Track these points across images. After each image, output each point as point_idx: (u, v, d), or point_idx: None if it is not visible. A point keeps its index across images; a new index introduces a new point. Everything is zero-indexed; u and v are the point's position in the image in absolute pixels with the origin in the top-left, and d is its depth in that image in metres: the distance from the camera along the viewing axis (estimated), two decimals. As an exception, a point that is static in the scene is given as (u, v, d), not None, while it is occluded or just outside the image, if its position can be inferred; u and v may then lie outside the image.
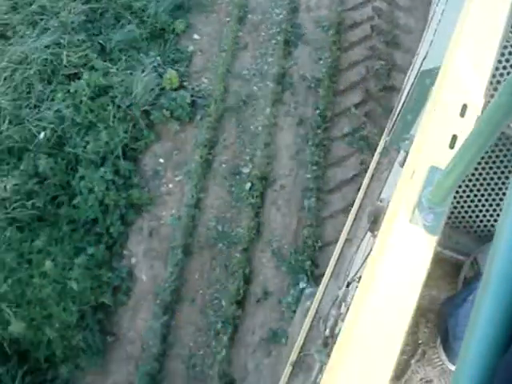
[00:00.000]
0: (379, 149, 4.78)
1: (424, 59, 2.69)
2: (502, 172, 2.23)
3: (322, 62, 6.82)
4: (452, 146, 1.63)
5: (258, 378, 5.32)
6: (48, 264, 5.53)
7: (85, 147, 6.25)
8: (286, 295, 5.60)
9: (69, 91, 6.54)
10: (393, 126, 3.23)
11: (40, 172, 6.11)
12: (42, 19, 6.91)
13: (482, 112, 1.67)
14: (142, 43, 6.92)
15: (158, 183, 6.26)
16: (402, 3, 7.18)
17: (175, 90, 6.62)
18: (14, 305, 5.42)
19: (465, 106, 1.70)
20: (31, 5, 6.97)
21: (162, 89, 6.64)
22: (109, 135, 6.28)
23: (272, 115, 6.47)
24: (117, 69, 6.65)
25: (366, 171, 6.06)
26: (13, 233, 5.76)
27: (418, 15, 7.08)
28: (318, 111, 6.49)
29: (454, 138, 1.65)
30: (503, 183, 2.30)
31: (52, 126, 6.30)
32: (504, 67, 2.06)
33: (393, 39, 6.91)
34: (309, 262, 5.69)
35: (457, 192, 2.27)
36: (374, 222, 1.92)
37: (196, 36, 7.11)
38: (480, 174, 2.24)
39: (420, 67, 2.66)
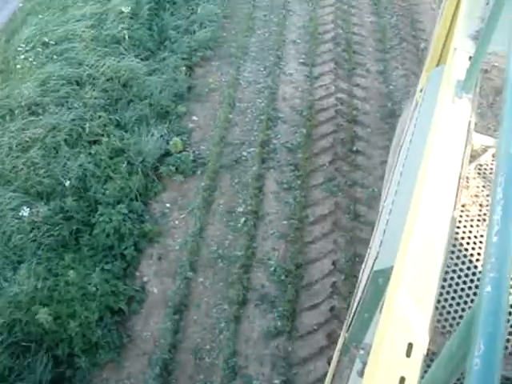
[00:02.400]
0: (339, 345, 4.73)
1: (375, 259, 2.78)
2: None
3: (297, 134, 8.43)
4: None
5: (258, 365, 6.05)
6: (71, 273, 6.41)
7: (104, 193, 7.41)
8: (280, 299, 6.53)
9: (90, 153, 7.84)
10: (351, 322, 3.24)
11: (65, 210, 7.18)
12: (67, 101, 8.43)
13: (428, 350, 1.71)
14: (150, 120, 8.44)
15: (166, 221, 7.38)
16: (358, 94, 9.07)
17: (179, 152, 8.03)
18: (43, 304, 6.18)
19: (410, 345, 1.68)
20: (58, 91, 8.53)
21: (168, 152, 8.04)
22: (124, 184, 7.50)
23: (259, 169, 7.87)
24: (130, 135, 8.07)
25: (338, 209, 7.38)
26: (43, 252, 6.68)
27: (372, 102, 8.94)
28: (297, 167, 7.93)
29: (402, 380, 1.62)
30: None
31: (76, 176, 7.51)
32: (447, 292, 2.09)
33: (353, 118, 8.66)
34: (294, 273, 6.73)
35: None
36: None
37: (194, 117, 8.71)
38: None
39: (372, 267, 2.75)
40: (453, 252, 2.16)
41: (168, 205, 7.57)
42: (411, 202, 2.18)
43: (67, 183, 7.44)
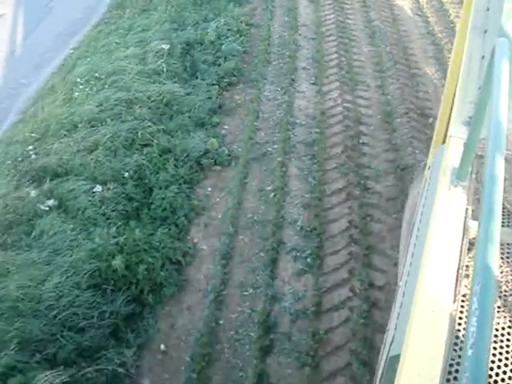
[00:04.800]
0: None
1: (391, 343, 2.77)
2: None
3: (312, 133, 10.14)
4: None
5: (293, 295, 7.43)
6: (137, 231, 7.92)
7: (156, 180, 9.03)
8: (307, 247, 7.98)
9: (143, 153, 9.53)
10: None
11: (126, 193, 8.77)
12: (121, 116, 10.21)
13: None
14: (190, 128, 10.19)
15: (208, 199, 8.95)
16: (362, 103, 10.82)
17: (216, 150, 9.71)
18: (116, 256, 7.65)
19: None
20: (113, 109, 10.33)
21: (207, 150, 9.72)
22: (174, 172, 9.14)
23: (283, 159, 9.51)
24: (175, 139, 9.79)
25: (351, 184, 8.91)
26: (111, 220, 8.22)
27: (374, 108, 10.66)
28: (314, 157, 9.56)
29: None
30: None
31: (133, 169, 9.15)
32: None
33: (358, 120, 10.36)
34: (318, 229, 8.20)
35: None
36: None
37: (226, 126, 10.46)
38: None
39: (389, 351, 2.73)
40: (456, 344, 2.15)
41: (209, 189, 9.16)
42: (415, 292, 2.21)
43: (126, 174, 9.07)
